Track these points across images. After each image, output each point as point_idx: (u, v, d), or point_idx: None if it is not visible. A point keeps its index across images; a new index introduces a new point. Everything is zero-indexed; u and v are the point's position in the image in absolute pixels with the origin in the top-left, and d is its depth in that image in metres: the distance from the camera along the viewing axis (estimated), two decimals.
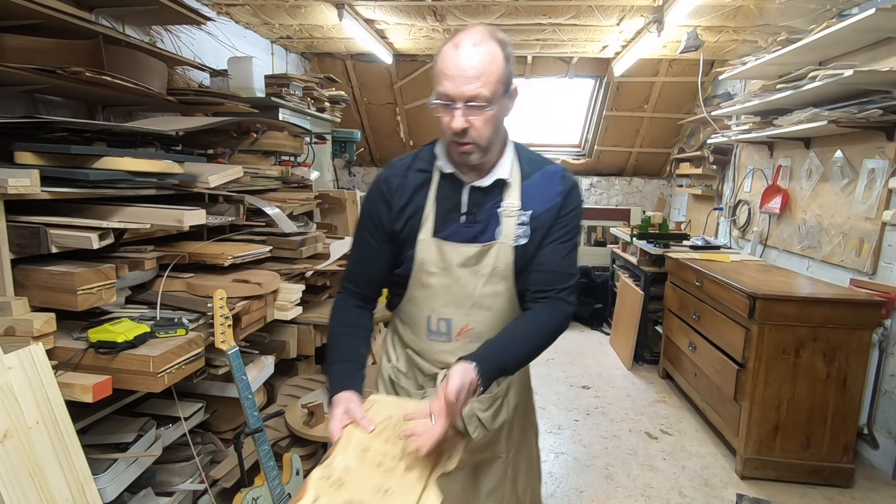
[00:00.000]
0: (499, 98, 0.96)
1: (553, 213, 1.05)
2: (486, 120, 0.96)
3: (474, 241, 1.05)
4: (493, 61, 0.93)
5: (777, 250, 3.21)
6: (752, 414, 2.26)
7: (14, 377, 1.00)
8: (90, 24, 1.73)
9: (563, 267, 1.06)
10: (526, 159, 1.10)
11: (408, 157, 1.13)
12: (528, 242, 1.04)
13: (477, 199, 1.05)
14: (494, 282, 1.06)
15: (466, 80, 0.92)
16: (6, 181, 1.11)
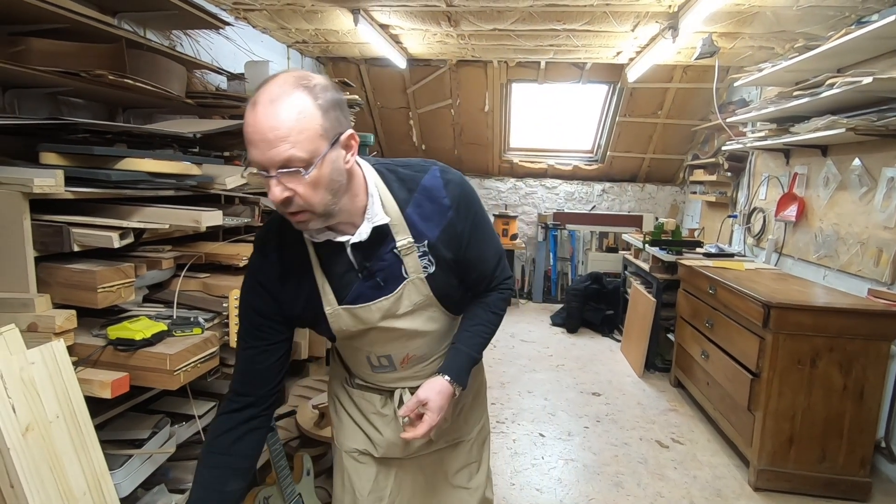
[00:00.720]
0: (322, 156, 0.80)
1: (450, 231, 0.98)
2: (311, 184, 0.81)
3: (384, 293, 0.98)
4: (301, 115, 0.78)
5: (792, 259, 3.17)
6: (766, 424, 2.23)
7: (36, 372, 1.03)
8: (113, 28, 1.77)
9: (489, 265, 1.06)
10: (397, 185, 0.97)
11: (273, 235, 0.99)
12: (436, 269, 0.99)
13: (365, 253, 0.96)
14: (419, 314, 1.03)
15: (270, 145, 0.77)
16: (32, 181, 1.13)
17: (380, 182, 0.96)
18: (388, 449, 1.16)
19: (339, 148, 0.84)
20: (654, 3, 2.70)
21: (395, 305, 0.99)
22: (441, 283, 1.01)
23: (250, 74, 2.73)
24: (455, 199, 0.98)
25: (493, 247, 1.07)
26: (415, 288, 0.99)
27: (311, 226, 0.87)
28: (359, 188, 0.92)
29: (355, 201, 0.92)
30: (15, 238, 1.17)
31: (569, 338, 4.42)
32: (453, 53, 4.16)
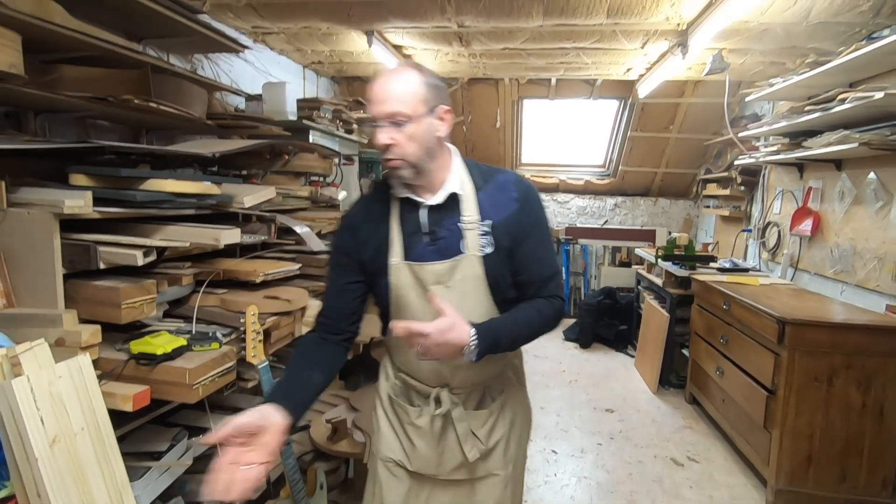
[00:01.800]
0: (420, 116, 1.01)
1: (513, 220, 1.09)
2: (409, 136, 1.01)
3: (441, 258, 1.08)
4: (409, 83, 1.01)
5: (809, 274, 3.13)
6: (783, 443, 2.19)
7: (63, 386, 1.07)
8: (138, 54, 1.85)
9: (542, 268, 1.11)
10: (477, 172, 1.14)
11: (368, 193, 1.22)
12: (494, 251, 1.08)
13: (435, 218, 1.10)
14: (469, 294, 1.09)
15: (383, 101, 1.00)
16: (62, 202, 1.19)
17: (462, 167, 1.13)
18: (421, 463, 1.19)
19: (435, 118, 1.05)
20: (663, 22, 2.73)
21: (448, 274, 1.08)
22: (494, 267, 1.08)
23: (268, 95, 2.81)
24: (523, 194, 1.11)
25: (549, 257, 1.14)
26: (469, 264, 1.07)
27: (403, 173, 1.04)
28: (445, 162, 1.10)
29: (439, 173, 1.09)
30: (45, 256, 1.23)
31: (582, 353, 4.39)
32: (465, 72, 4.23)
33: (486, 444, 1.17)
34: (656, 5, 2.50)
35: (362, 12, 2.73)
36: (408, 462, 1.20)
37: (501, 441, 1.20)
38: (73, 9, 1.59)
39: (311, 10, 2.71)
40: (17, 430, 0.98)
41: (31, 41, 1.45)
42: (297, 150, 2.46)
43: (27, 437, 0.98)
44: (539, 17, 2.69)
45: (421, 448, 1.18)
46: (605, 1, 2.48)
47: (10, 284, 1.24)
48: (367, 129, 1.07)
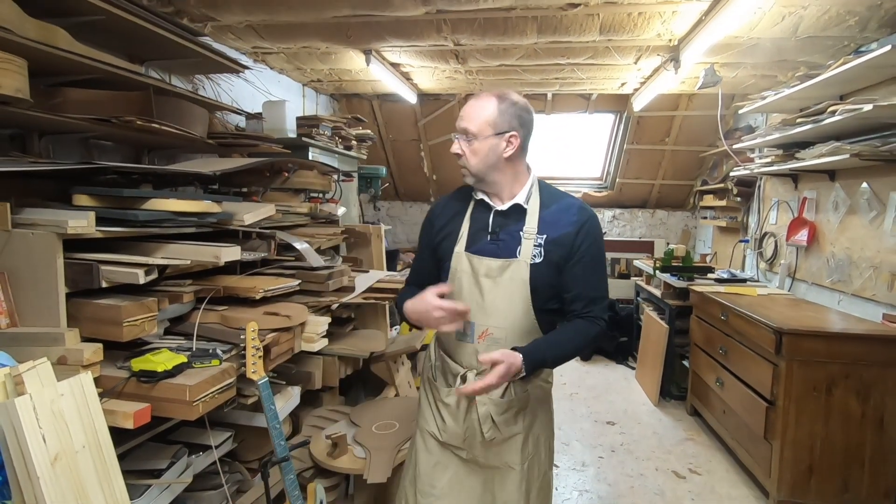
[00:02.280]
0: (485, 136, 1.24)
1: (567, 240, 1.25)
2: (472, 150, 1.26)
3: (496, 256, 1.27)
4: (484, 108, 1.25)
5: (806, 283, 3.15)
6: (784, 454, 2.19)
7: (65, 404, 1.08)
8: (141, 76, 1.89)
9: (588, 290, 1.26)
10: (546, 193, 1.33)
11: (453, 192, 1.45)
12: (542, 262, 1.24)
13: (500, 222, 1.30)
14: (512, 293, 1.25)
15: (461, 119, 1.27)
16: (66, 222, 1.22)
17: (536, 187, 1.33)
18: (449, 436, 1.36)
19: (502, 140, 1.25)
20: (655, 38, 2.78)
21: (498, 271, 1.26)
22: (540, 276, 1.25)
23: (268, 114, 2.86)
24: (582, 221, 1.27)
25: (599, 282, 1.29)
26: (518, 268, 1.25)
27: (467, 179, 1.31)
28: (520, 178, 1.32)
29: (513, 185, 1.31)
30: (48, 276, 1.25)
31: (583, 366, 4.38)
32: (462, 88, 4.29)
33: (501, 432, 1.30)
34: (647, 22, 2.55)
35: (360, 32, 2.78)
36: (439, 434, 1.37)
37: (519, 436, 1.32)
38: (77, 33, 1.63)
39: (310, 30, 2.76)
40: (19, 448, 0.99)
41: (36, 66, 1.49)
42: (296, 168, 2.50)
43: (29, 456, 0.99)
44: (533, 35, 2.75)
45: (450, 423, 1.35)
46: (596, 19, 2.53)
47: (14, 304, 1.26)
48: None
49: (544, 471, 1.39)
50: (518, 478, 1.32)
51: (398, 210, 5.81)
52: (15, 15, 1.41)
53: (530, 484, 1.34)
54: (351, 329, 2.57)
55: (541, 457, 1.37)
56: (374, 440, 1.97)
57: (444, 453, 1.37)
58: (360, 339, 2.42)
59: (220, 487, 1.71)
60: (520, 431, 1.32)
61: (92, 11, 1.68)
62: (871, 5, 2.25)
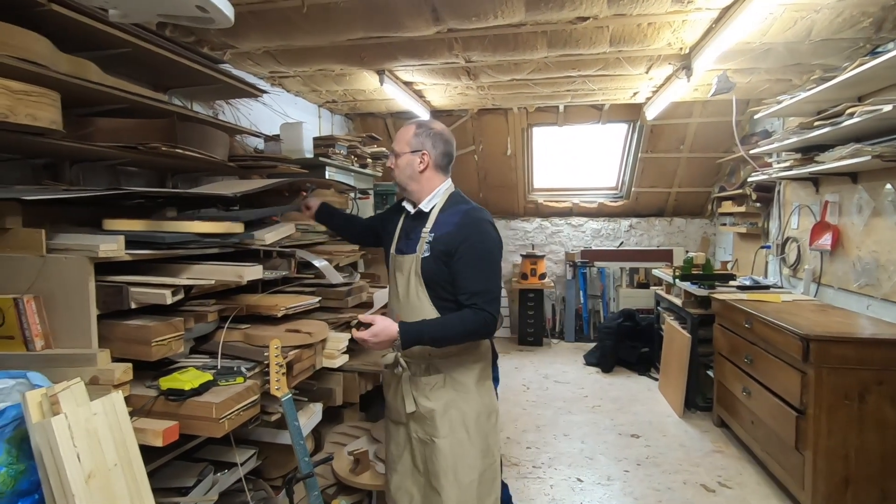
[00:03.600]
0: (404, 153, 1.56)
1: (448, 238, 1.47)
2: (396, 164, 1.58)
3: (405, 253, 1.54)
4: (406, 132, 1.57)
5: (833, 289, 3.07)
6: (817, 465, 2.12)
7: (98, 423, 1.11)
8: (165, 104, 1.97)
9: (471, 283, 1.45)
10: (451, 201, 1.57)
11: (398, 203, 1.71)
12: (429, 256, 1.48)
13: (410, 225, 1.59)
14: (413, 284, 1.50)
15: (393, 142, 1.61)
16: (98, 247, 1.27)
17: (444, 196, 1.57)
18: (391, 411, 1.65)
19: (416, 157, 1.55)
20: (666, 47, 2.79)
21: (402, 266, 1.53)
22: (428, 268, 1.48)
23: (285, 135, 2.93)
24: (463, 223, 1.49)
25: (478, 276, 1.46)
26: (413, 261, 1.51)
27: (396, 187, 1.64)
28: (428, 188, 1.57)
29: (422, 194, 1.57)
30: (81, 298, 1.29)
31: (604, 377, 4.32)
32: (474, 103, 4.35)
33: (417, 406, 1.52)
34: (657, 32, 2.57)
35: (374, 53, 2.85)
36: (388, 412, 1.67)
37: (434, 412, 1.51)
38: (105, 65, 1.71)
39: (325, 53, 2.84)
40: (55, 466, 1.02)
41: (68, 97, 1.56)
42: (314, 187, 2.54)
43: (65, 474, 1.01)
44: (543, 50, 2.78)
45: (389, 400, 1.65)
46: (606, 31, 2.56)
47: (49, 326, 1.30)
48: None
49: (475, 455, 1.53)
50: (442, 451, 1.50)
51: None
52: (49, 51, 1.49)
53: (456, 461, 1.50)
54: None
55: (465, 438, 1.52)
56: None
57: (396, 430, 1.62)
58: (379, 355, 2.43)
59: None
60: (434, 408, 1.51)
61: (120, 44, 1.76)
62: (886, 5, 2.23)
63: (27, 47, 1.39)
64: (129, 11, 1.38)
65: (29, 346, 1.28)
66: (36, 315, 1.29)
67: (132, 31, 1.73)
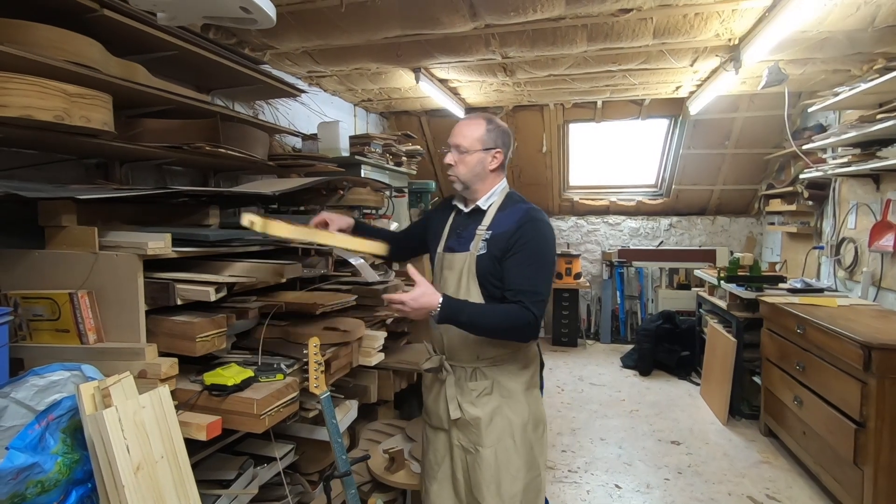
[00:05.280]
0: (475, 151, 1.47)
1: (506, 237, 1.42)
2: (461, 161, 1.48)
3: (458, 251, 1.50)
4: (471, 128, 1.49)
5: (894, 293, 2.88)
6: (879, 481, 1.99)
7: (146, 415, 1.14)
8: (208, 105, 2.02)
9: (520, 281, 1.40)
10: (509, 200, 1.52)
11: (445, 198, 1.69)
12: (485, 253, 1.44)
13: (464, 223, 1.54)
14: (465, 281, 1.46)
15: (454, 135, 1.51)
16: (146, 244, 1.30)
17: (501, 195, 1.53)
18: (432, 417, 1.58)
19: (488, 155, 1.49)
20: (713, 38, 2.67)
21: (456, 263, 1.49)
22: (482, 266, 1.44)
23: (322, 134, 2.96)
24: (522, 222, 1.43)
25: (530, 275, 1.41)
26: (467, 259, 1.46)
27: (455, 185, 1.53)
28: (490, 187, 1.53)
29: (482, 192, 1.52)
30: (130, 294, 1.33)
31: (642, 381, 4.20)
32: (510, 100, 4.29)
33: (463, 413, 1.47)
34: (704, 23, 2.46)
35: (410, 51, 2.85)
36: (429, 418, 1.59)
37: (482, 420, 1.46)
38: (152, 68, 1.76)
39: (362, 52, 2.85)
40: (106, 457, 1.05)
41: (119, 100, 1.61)
42: (350, 185, 2.56)
43: (115, 464, 1.05)
44: (583, 44, 2.71)
45: (431, 405, 1.58)
46: (650, 23, 2.46)
47: (101, 320, 1.35)
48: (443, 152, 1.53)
49: (520, 466, 1.47)
50: (486, 461, 1.45)
51: None
52: (100, 55, 1.54)
53: (500, 472, 1.45)
54: (405, 343, 2.59)
55: (511, 448, 1.47)
56: None
57: (436, 436, 1.56)
58: (414, 353, 2.43)
59: (283, 499, 1.75)
60: (480, 415, 1.46)
61: (166, 48, 1.81)
62: None
63: (81, 52, 1.45)
64: (177, 14, 1.41)
65: (83, 340, 1.33)
66: (89, 309, 1.34)
67: (178, 34, 1.78)
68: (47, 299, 1.32)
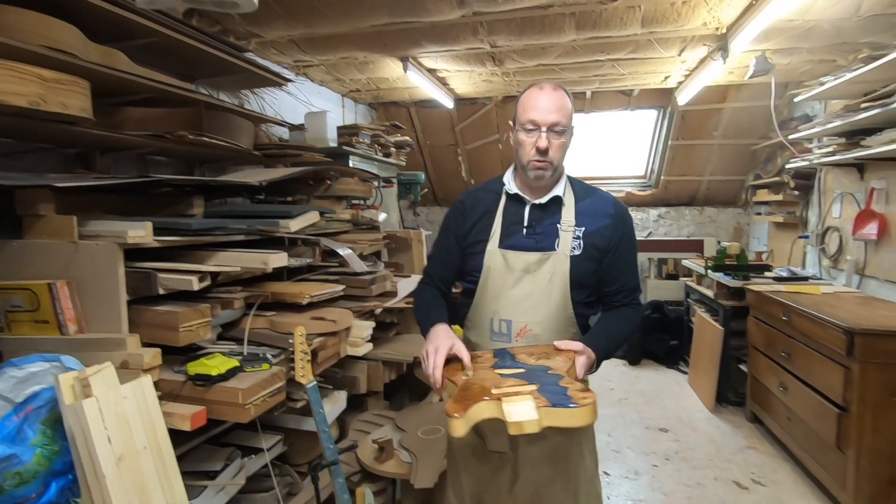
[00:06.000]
0: (569, 130, 1.25)
1: (606, 232, 1.26)
2: (560, 144, 1.24)
3: (535, 250, 1.26)
4: (566, 101, 1.24)
5: (877, 280, 2.92)
6: (861, 465, 2.02)
7: (128, 406, 1.13)
8: (192, 93, 1.98)
9: (630, 280, 1.30)
10: (579, 187, 1.34)
11: (481, 185, 1.41)
12: (581, 254, 1.25)
13: (537, 216, 1.29)
14: (552, 287, 1.24)
15: (550, 112, 1.20)
16: (126, 233, 1.28)
17: (566, 180, 1.33)
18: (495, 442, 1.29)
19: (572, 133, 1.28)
20: (701, 27, 2.67)
21: (537, 265, 1.25)
22: (579, 268, 1.24)
23: (309, 124, 2.93)
24: (618, 214, 1.29)
25: (635, 272, 1.33)
26: (557, 260, 1.25)
27: (545, 174, 1.25)
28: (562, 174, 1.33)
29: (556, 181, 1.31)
30: (111, 284, 1.31)
31: (631, 370, 4.24)
32: (499, 90, 4.27)
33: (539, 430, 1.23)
34: (692, 11, 2.45)
35: (397, 40, 2.82)
36: (484, 442, 1.30)
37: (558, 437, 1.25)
38: (134, 55, 1.72)
39: (349, 41, 2.82)
40: (87, 448, 1.04)
41: (98, 87, 1.58)
42: (338, 176, 2.54)
43: (96, 456, 1.03)
44: (572, 32, 2.70)
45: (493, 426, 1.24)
46: (638, 11, 2.46)
47: (81, 311, 1.33)
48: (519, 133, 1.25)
49: (590, 476, 1.35)
50: (564, 481, 1.29)
51: (437, 215, 5.83)
52: (79, 41, 1.50)
53: (577, 488, 1.30)
54: (394, 334, 2.58)
55: (585, 460, 1.33)
56: (420, 445, 1.97)
57: (490, 463, 1.31)
58: (403, 344, 2.43)
59: (271, 490, 1.74)
60: (561, 439, 1.28)
61: (148, 34, 1.76)
62: None
63: (58, 37, 1.41)
64: None
65: (62, 331, 1.31)
66: (69, 300, 1.31)
67: (160, 20, 1.74)
68: (25, 290, 1.30)
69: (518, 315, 1.25)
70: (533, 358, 1.15)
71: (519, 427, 0.91)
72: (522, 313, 1.25)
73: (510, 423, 0.91)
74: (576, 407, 0.94)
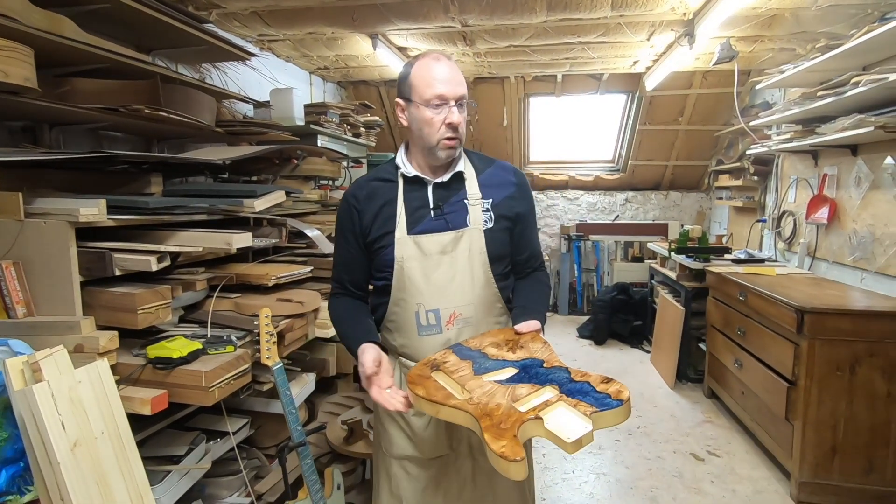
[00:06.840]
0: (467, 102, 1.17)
1: (513, 201, 1.24)
2: (463, 117, 1.16)
3: (447, 229, 1.19)
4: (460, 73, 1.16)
5: (827, 262, 3.07)
6: (806, 434, 2.15)
7: (83, 391, 1.09)
8: (148, 65, 1.88)
9: (535, 244, 1.31)
10: (476, 158, 1.28)
11: (369, 173, 1.30)
12: (494, 226, 1.21)
13: (441, 195, 1.21)
14: (472, 265, 1.19)
15: (458, 83, 1.13)
16: (78, 211, 1.22)
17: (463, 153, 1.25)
18: (432, 447, 1.23)
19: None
20: (669, 12, 2.70)
21: (452, 244, 1.18)
22: (496, 241, 1.20)
23: (275, 102, 2.84)
24: (520, 180, 1.27)
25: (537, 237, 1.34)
26: (472, 236, 1.19)
27: (457, 151, 1.19)
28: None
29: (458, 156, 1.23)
30: (62, 264, 1.25)
31: (597, 350, 4.36)
32: (470, 71, 4.23)
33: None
34: None
35: (366, 15, 2.74)
36: (420, 452, 1.24)
37: None
38: (83, 23, 1.62)
39: (315, 15, 2.73)
40: (38, 434, 1.00)
41: (43, 55, 1.48)
42: (305, 155, 2.48)
43: (49, 442, 0.99)
44: (543, 13, 2.68)
45: (428, 434, 1.22)
46: None
47: (30, 293, 1.26)
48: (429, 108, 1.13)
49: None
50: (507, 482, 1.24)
51: None
52: (20, 4, 1.40)
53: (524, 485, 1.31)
54: None
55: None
56: None
57: (430, 470, 1.24)
58: None
59: (238, 473, 1.73)
60: None
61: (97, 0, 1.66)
62: None
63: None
64: None
65: (10, 314, 1.24)
66: (16, 281, 1.25)
67: None
68: None
69: (444, 301, 1.17)
70: (507, 350, 1.07)
71: (578, 445, 0.79)
72: (449, 298, 1.17)
73: (569, 443, 0.78)
74: (619, 405, 0.85)
